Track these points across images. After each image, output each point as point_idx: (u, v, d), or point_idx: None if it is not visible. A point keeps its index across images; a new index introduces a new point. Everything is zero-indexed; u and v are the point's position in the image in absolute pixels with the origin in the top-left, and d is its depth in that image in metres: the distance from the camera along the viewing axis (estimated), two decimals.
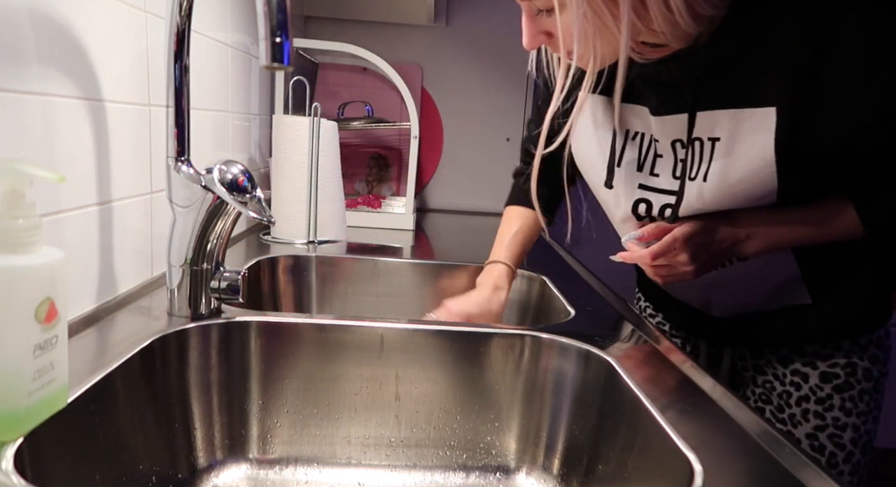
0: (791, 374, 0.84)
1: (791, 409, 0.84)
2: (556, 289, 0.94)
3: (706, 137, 0.67)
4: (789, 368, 0.84)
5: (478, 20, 1.80)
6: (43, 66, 0.55)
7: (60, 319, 0.41)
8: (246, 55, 1.17)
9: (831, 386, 0.81)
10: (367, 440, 0.71)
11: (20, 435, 0.40)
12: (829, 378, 0.82)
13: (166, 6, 0.61)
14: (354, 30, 1.77)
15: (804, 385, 0.83)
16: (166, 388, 0.62)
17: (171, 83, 0.63)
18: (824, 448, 0.81)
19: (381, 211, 1.51)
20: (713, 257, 0.71)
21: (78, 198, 0.62)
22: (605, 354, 0.66)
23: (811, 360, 0.83)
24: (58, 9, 0.57)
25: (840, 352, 0.81)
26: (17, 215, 0.38)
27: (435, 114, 1.85)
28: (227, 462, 0.68)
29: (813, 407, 0.82)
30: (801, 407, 0.83)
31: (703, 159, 0.68)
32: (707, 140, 0.67)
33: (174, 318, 0.67)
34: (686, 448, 0.48)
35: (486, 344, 0.71)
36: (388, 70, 1.43)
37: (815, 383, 0.82)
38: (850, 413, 0.81)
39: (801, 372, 0.83)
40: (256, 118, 1.28)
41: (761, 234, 0.70)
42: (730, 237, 0.70)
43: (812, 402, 0.82)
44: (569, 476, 0.67)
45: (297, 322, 0.70)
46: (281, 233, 1.19)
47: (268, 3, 0.51)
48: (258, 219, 0.66)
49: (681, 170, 0.71)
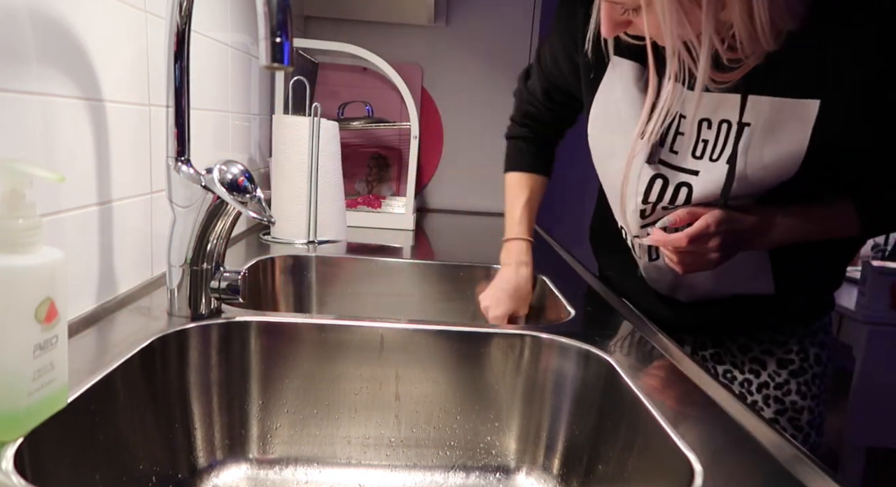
0: (750, 361, 0.87)
1: (753, 396, 0.86)
2: (556, 289, 0.94)
3: (735, 121, 0.67)
4: (748, 356, 0.87)
5: (478, 20, 1.80)
6: (43, 66, 0.55)
7: (60, 319, 0.41)
8: (246, 55, 1.17)
9: (787, 372, 0.85)
10: (367, 440, 0.71)
11: (20, 435, 0.40)
12: (784, 363, 0.85)
13: (166, 6, 0.61)
14: (354, 30, 1.77)
15: (763, 371, 0.86)
16: (166, 388, 0.62)
17: (171, 83, 0.63)
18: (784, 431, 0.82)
19: (381, 211, 1.51)
20: (738, 246, 0.71)
21: (78, 198, 0.62)
22: (605, 354, 0.66)
23: (768, 347, 0.86)
24: (58, 9, 0.57)
25: (794, 338, 0.85)
26: (17, 215, 0.38)
27: (435, 114, 1.85)
28: (227, 462, 0.68)
29: (773, 393, 0.85)
30: (762, 394, 0.86)
31: (727, 142, 0.68)
32: (736, 124, 0.67)
33: (174, 318, 0.67)
34: (686, 448, 0.48)
35: (486, 344, 0.71)
36: (388, 70, 1.43)
37: (772, 369, 0.85)
38: (805, 396, 0.85)
39: (759, 360, 0.86)
40: (256, 118, 1.28)
41: (780, 228, 0.71)
42: (754, 227, 0.70)
43: (771, 388, 0.85)
44: (569, 476, 0.67)
45: (297, 322, 0.70)
46: (281, 233, 1.19)
47: (268, 3, 0.51)
48: (258, 219, 0.66)
49: (702, 150, 0.71)
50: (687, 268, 0.73)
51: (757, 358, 0.86)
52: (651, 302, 0.90)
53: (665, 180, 0.74)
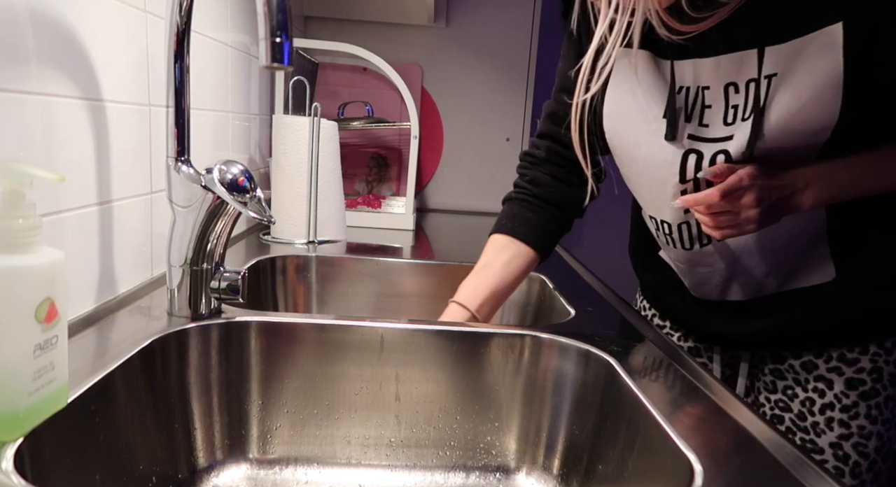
0: (815, 380, 0.79)
1: (814, 417, 0.79)
2: (556, 289, 0.94)
3: (763, 75, 0.64)
4: (813, 374, 0.80)
5: (478, 20, 1.80)
6: (43, 66, 0.55)
7: (60, 319, 0.41)
8: (246, 55, 1.17)
9: (857, 394, 0.77)
10: (367, 440, 0.71)
11: (20, 435, 0.40)
12: (854, 384, 0.77)
13: (166, 6, 0.61)
14: (354, 30, 1.77)
15: (828, 391, 0.78)
16: (166, 388, 0.62)
17: (171, 83, 0.63)
18: (849, 458, 0.78)
19: (381, 211, 1.51)
20: (775, 205, 0.66)
21: (78, 198, 0.62)
22: (605, 354, 0.66)
23: (837, 365, 0.78)
24: (58, 9, 0.57)
25: (866, 356, 0.77)
26: (17, 215, 0.38)
27: (435, 114, 1.85)
28: (227, 462, 0.68)
29: (838, 416, 0.78)
30: (826, 415, 0.78)
31: (759, 98, 0.64)
32: (763, 78, 0.64)
33: (174, 318, 0.67)
34: (686, 448, 0.48)
35: (486, 344, 0.71)
36: (388, 70, 1.43)
37: (840, 390, 0.78)
38: (875, 421, 0.77)
39: (825, 379, 0.79)
40: (256, 118, 1.28)
41: (820, 182, 0.66)
42: (790, 183, 0.66)
43: (837, 410, 0.78)
44: (569, 476, 0.67)
45: (297, 322, 0.70)
46: (281, 233, 1.19)
47: (268, 3, 0.51)
48: (258, 219, 0.66)
49: (733, 116, 0.67)
50: (724, 232, 0.68)
51: (822, 376, 0.79)
52: (701, 316, 0.85)
53: (699, 155, 0.70)
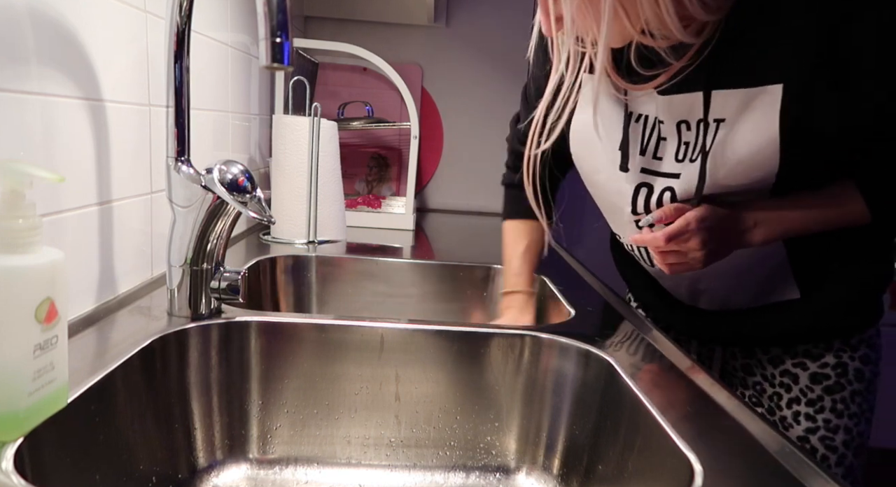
0: (780, 375, 0.83)
1: (782, 412, 0.83)
2: (556, 289, 0.94)
3: (712, 119, 0.66)
4: (779, 369, 0.83)
5: (478, 20, 1.80)
6: (43, 66, 0.55)
7: (60, 319, 0.41)
8: (246, 55, 1.17)
9: (821, 388, 0.80)
10: (367, 440, 0.71)
11: (20, 435, 0.40)
12: (819, 379, 0.80)
13: (166, 6, 0.61)
14: (354, 30, 1.77)
15: (794, 386, 0.82)
16: (166, 388, 0.62)
17: (171, 83, 0.63)
18: (816, 451, 0.80)
19: (380, 211, 1.51)
20: (722, 244, 0.69)
21: (78, 198, 0.62)
22: (605, 354, 0.66)
23: (801, 361, 0.81)
24: (58, 9, 0.57)
25: (830, 352, 0.80)
26: (17, 215, 0.38)
27: (435, 114, 1.85)
28: (227, 462, 0.68)
29: (804, 409, 0.81)
30: (792, 410, 0.82)
31: (706, 141, 0.67)
32: (713, 121, 0.66)
33: (174, 318, 0.67)
34: (686, 448, 0.48)
35: (486, 344, 0.71)
36: (388, 70, 1.43)
37: (805, 384, 0.81)
38: (841, 415, 0.80)
39: (790, 373, 0.82)
40: (256, 118, 1.28)
41: (769, 221, 0.68)
42: (738, 224, 0.68)
43: (803, 404, 0.81)
44: (569, 476, 0.67)
45: (297, 322, 0.70)
46: (281, 233, 1.19)
47: (268, 3, 0.51)
48: (258, 219, 0.66)
49: (683, 153, 0.69)
50: (672, 269, 0.71)
51: (788, 371, 0.82)
52: (676, 313, 0.88)
53: (650, 188, 0.73)
